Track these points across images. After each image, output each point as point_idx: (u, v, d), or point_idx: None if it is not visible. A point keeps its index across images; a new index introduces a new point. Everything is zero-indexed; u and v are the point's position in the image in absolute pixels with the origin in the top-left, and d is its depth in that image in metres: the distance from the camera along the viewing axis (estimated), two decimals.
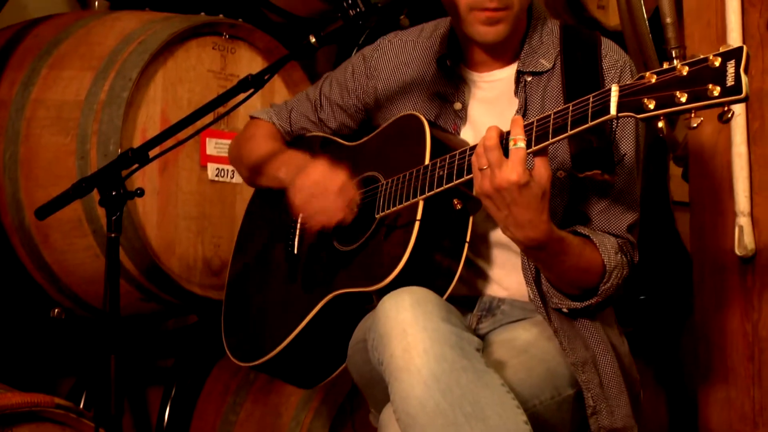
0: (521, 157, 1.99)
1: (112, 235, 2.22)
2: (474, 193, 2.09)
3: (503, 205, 2.02)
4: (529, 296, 2.31)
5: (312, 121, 2.65)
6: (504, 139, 2.03)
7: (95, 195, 2.28)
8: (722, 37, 2.73)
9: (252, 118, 2.75)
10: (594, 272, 2.21)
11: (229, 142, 3.05)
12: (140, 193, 2.27)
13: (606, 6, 4.27)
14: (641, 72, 3.27)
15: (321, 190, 2.36)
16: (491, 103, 2.40)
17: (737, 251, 2.70)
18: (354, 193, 2.38)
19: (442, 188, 2.20)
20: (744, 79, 1.74)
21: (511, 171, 1.98)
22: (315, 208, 2.37)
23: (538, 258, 2.16)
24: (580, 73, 2.29)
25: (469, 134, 2.39)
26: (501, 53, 2.38)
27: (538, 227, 2.04)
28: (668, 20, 3.19)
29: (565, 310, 2.26)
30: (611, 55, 2.34)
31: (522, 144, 2.00)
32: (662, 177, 4.15)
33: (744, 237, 2.69)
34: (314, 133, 2.66)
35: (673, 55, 3.16)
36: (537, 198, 2.01)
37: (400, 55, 2.52)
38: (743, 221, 2.70)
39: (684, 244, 4.11)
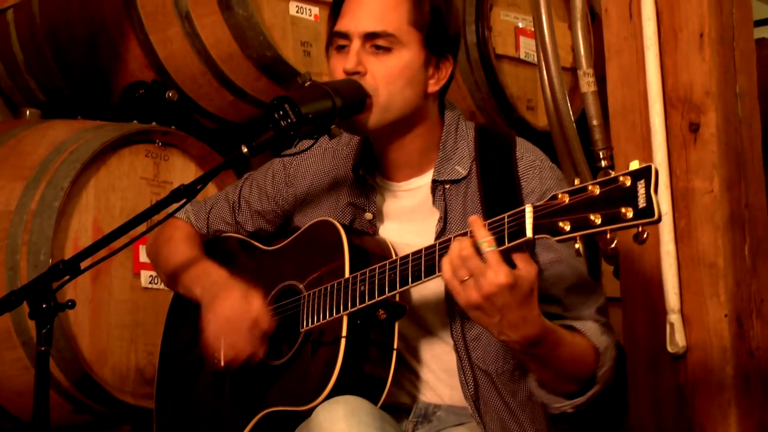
0: (499, 258, 1.92)
1: (42, 348, 2.18)
2: (461, 305, 2.00)
3: (494, 312, 1.95)
4: (470, 411, 2.28)
5: (228, 223, 2.62)
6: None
7: (25, 306, 2.23)
8: (647, 137, 2.79)
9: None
10: (588, 358, 2.16)
11: None
12: (71, 305, 2.24)
13: (535, 107, 4.34)
14: (565, 171, 3.31)
15: (231, 328, 2.31)
16: (412, 212, 2.37)
17: (669, 349, 2.72)
18: (268, 326, 2.32)
19: (365, 305, 2.18)
20: (655, 200, 1.76)
21: (497, 274, 1.91)
22: (225, 344, 2.32)
23: (535, 356, 2.08)
24: (497, 179, 2.28)
25: None
26: (410, 161, 2.35)
27: (532, 323, 1.98)
28: (595, 122, 3.26)
29: (570, 410, 2.17)
30: (527, 156, 2.32)
31: (495, 246, 1.93)
32: (594, 274, 4.19)
33: (675, 334, 2.71)
34: (231, 234, 2.64)
35: (601, 156, 3.23)
36: (527, 295, 1.95)
37: (319, 162, 2.51)
38: (674, 318, 2.72)
39: (618, 340, 4.13)
